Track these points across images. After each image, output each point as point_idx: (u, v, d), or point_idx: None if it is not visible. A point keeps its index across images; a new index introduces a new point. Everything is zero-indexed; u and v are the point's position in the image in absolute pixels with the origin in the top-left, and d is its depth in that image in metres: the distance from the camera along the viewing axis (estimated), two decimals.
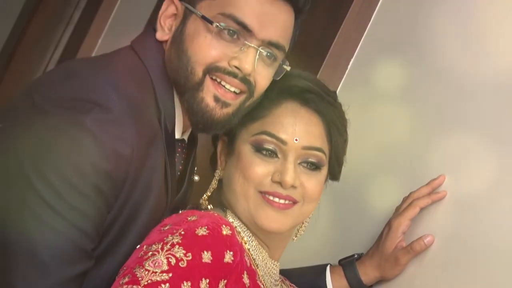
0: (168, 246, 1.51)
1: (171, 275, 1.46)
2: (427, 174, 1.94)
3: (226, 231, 1.58)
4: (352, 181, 2.06)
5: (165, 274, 1.46)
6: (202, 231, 1.55)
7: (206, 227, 1.56)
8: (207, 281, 1.50)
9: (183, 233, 1.54)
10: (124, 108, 1.53)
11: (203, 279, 1.49)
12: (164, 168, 1.62)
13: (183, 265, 1.48)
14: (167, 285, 1.45)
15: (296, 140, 1.70)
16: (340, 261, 1.97)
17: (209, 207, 1.76)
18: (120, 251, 1.58)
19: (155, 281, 1.45)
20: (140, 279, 1.45)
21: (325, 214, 1.88)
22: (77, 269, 1.49)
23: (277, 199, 1.70)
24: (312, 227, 1.84)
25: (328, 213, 1.91)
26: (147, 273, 1.46)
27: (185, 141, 1.77)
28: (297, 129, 1.71)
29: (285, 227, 1.73)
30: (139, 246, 1.56)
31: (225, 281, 1.55)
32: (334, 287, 1.93)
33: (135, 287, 1.44)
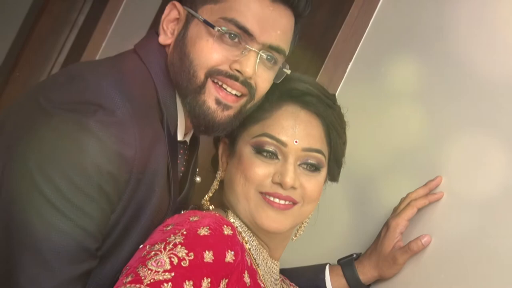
0: (170, 246, 1.50)
1: (173, 274, 1.46)
2: (426, 174, 1.93)
3: (227, 231, 1.58)
4: (351, 182, 2.06)
5: (167, 273, 1.46)
6: (204, 231, 1.55)
7: (207, 227, 1.56)
8: (209, 280, 1.50)
9: (185, 233, 1.54)
10: (127, 110, 1.53)
11: (205, 278, 1.49)
12: (166, 169, 1.62)
13: (185, 264, 1.48)
14: (170, 284, 1.44)
15: (296, 142, 1.70)
16: (339, 261, 1.98)
17: (211, 207, 1.76)
18: (123, 250, 1.58)
19: (158, 280, 1.44)
20: (143, 278, 1.45)
21: (324, 214, 1.88)
22: (81, 268, 1.49)
23: (277, 200, 1.70)
24: (311, 227, 1.84)
25: (327, 213, 1.91)
26: (150, 272, 1.46)
27: (187, 143, 1.77)
28: (297, 131, 1.71)
29: (285, 227, 1.73)
30: (142, 245, 1.56)
31: (227, 280, 1.55)
32: (333, 286, 1.93)
33: (138, 286, 1.44)
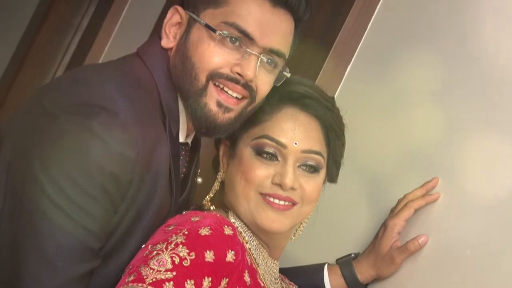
0: (172, 245, 1.50)
1: (175, 273, 1.46)
2: (424, 176, 1.93)
3: (228, 231, 1.58)
4: (349, 183, 2.06)
5: (169, 272, 1.46)
6: (205, 231, 1.55)
7: (209, 227, 1.56)
8: (210, 279, 1.50)
9: (186, 233, 1.54)
10: (130, 112, 1.53)
11: (206, 278, 1.49)
12: (168, 170, 1.62)
13: (186, 264, 1.48)
14: (171, 283, 1.44)
15: (295, 144, 1.70)
16: (337, 260, 1.97)
17: (212, 208, 1.76)
18: (126, 250, 1.58)
19: (160, 279, 1.44)
20: (145, 277, 1.45)
21: (323, 215, 1.88)
22: (84, 267, 1.49)
23: (277, 201, 1.70)
24: (310, 227, 1.84)
25: (326, 214, 1.91)
26: (152, 271, 1.46)
27: (188, 144, 1.77)
28: (297, 133, 1.71)
29: (284, 227, 1.72)
30: (144, 245, 1.56)
31: (227, 280, 1.55)
32: (331, 285, 1.93)
33: (140, 285, 1.44)
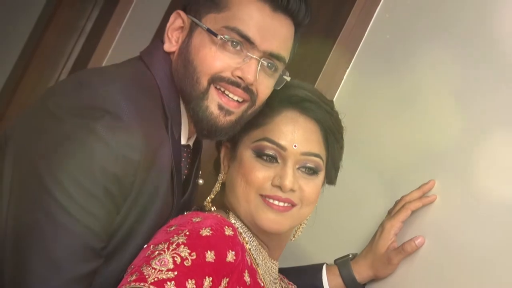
0: (173, 246, 1.50)
1: (176, 273, 1.46)
2: (422, 177, 1.93)
3: (228, 231, 1.58)
4: (348, 185, 2.05)
5: (170, 272, 1.46)
6: (206, 232, 1.55)
7: (209, 228, 1.56)
8: (210, 279, 1.50)
9: (188, 233, 1.54)
10: (133, 115, 1.53)
11: (207, 277, 1.49)
12: (170, 172, 1.62)
13: (187, 264, 1.48)
14: (173, 282, 1.44)
15: (295, 146, 1.70)
16: (335, 261, 1.97)
17: (213, 209, 1.76)
18: (128, 250, 1.58)
19: (161, 279, 1.44)
20: (147, 277, 1.45)
21: (322, 216, 1.88)
22: (87, 267, 1.49)
23: (276, 202, 1.70)
24: (309, 228, 1.84)
25: (324, 215, 1.91)
26: (153, 271, 1.46)
27: (190, 146, 1.77)
28: (296, 136, 1.71)
29: (284, 228, 1.72)
30: (146, 245, 1.56)
31: (227, 279, 1.55)
32: (330, 285, 1.93)
33: (142, 284, 1.44)
